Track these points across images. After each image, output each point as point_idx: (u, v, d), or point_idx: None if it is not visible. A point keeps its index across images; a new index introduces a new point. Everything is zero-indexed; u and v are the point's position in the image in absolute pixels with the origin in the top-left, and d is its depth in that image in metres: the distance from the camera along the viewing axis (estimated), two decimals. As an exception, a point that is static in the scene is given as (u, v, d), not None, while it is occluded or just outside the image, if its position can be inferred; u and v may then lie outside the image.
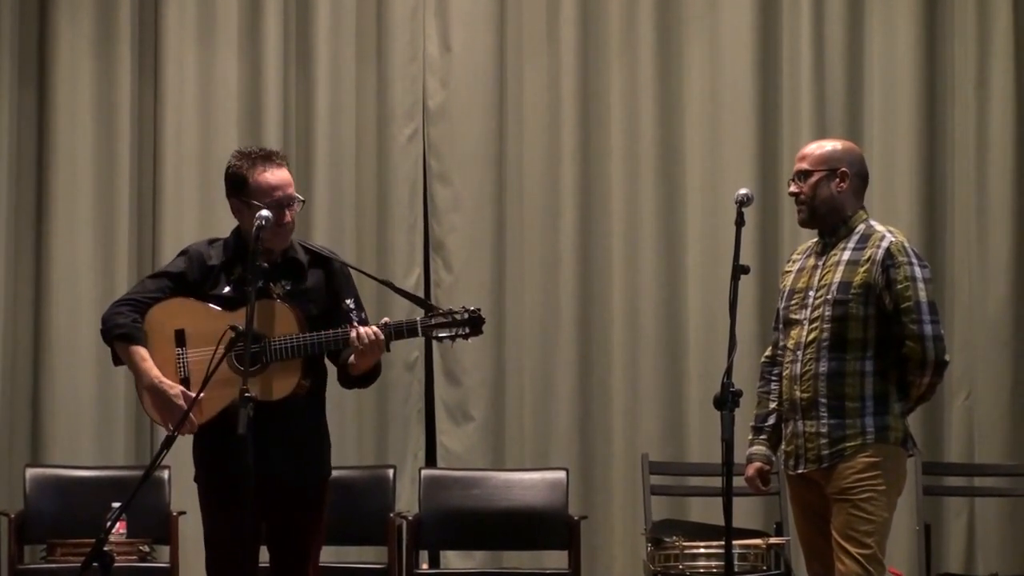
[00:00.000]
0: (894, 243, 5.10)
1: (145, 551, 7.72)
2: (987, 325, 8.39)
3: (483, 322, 5.02)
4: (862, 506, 5.03)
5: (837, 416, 5.07)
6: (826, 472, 5.09)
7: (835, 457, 5.06)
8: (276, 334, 4.95)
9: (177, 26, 8.56)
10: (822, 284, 5.14)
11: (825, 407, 5.08)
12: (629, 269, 8.52)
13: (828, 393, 5.08)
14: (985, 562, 8.33)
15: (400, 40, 8.61)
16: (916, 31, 8.49)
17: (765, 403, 5.33)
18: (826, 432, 5.07)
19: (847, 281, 5.09)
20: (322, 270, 5.15)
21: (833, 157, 5.19)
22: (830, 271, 5.14)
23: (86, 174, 8.48)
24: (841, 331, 5.07)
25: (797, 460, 5.15)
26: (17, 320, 8.45)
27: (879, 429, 5.07)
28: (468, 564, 8.17)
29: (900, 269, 5.06)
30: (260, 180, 5.08)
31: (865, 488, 5.03)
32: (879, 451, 5.06)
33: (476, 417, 8.50)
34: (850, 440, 5.05)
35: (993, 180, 8.45)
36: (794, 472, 5.17)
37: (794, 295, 5.22)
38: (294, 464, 5.04)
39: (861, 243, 5.14)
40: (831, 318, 5.08)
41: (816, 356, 5.10)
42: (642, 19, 8.55)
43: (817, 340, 5.10)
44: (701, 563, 6.76)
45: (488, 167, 8.58)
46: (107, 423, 8.39)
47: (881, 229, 5.16)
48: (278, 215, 5.01)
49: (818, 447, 5.08)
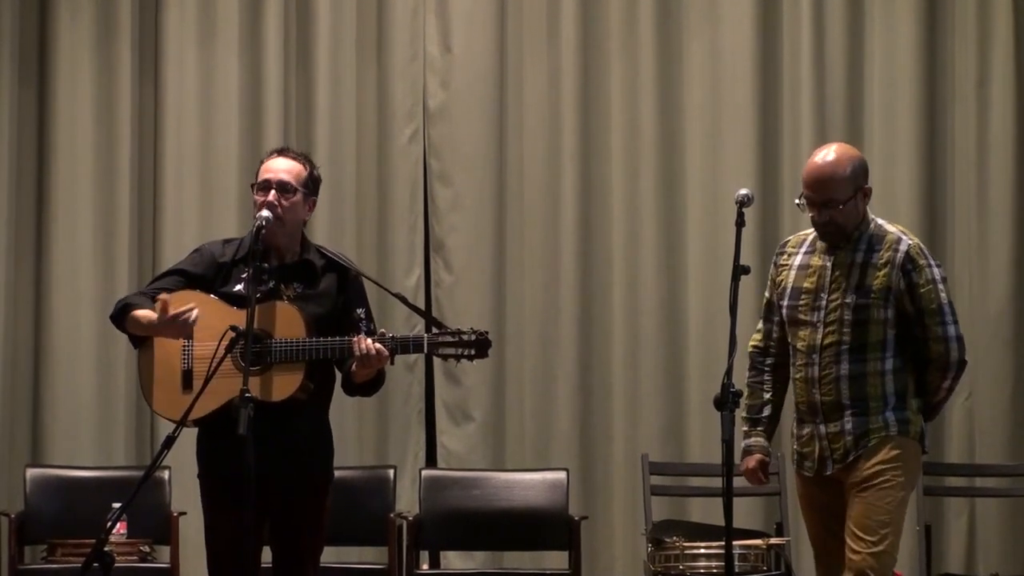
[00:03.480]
0: (912, 246, 5.13)
1: (145, 551, 7.71)
2: (988, 325, 8.39)
3: (490, 345, 5.04)
4: (882, 497, 5.05)
5: (861, 415, 5.11)
6: (850, 466, 5.11)
7: (860, 448, 5.09)
8: (282, 336, 4.96)
9: (177, 26, 8.55)
10: (836, 287, 5.14)
11: (849, 408, 5.11)
12: (629, 269, 8.51)
13: (852, 395, 5.11)
14: (985, 563, 8.32)
15: (400, 40, 8.60)
16: (916, 31, 8.48)
17: (759, 394, 5.33)
18: (851, 430, 5.10)
19: (865, 284, 5.10)
20: (336, 277, 5.16)
21: (855, 176, 5.15)
22: (843, 273, 5.14)
23: (86, 174, 8.48)
24: (862, 334, 5.10)
25: (822, 463, 5.15)
26: (17, 320, 8.45)
27: (900, 423, 5.12)
28: (468, 564, 8.17)
29: (921, 273, 5.11)
30: (261, 168, 5.15)
31: (887, 479, 5.06)
32: (901, 443, 5.11)
33: (476, 417, 8.49)
34: (874, 433, 5.09)
35: (994, 180, 8.45)
36: (814, 474, 5.17)
37: (802, 295, 5.21)
38: (296, 465, 5.04)
39: (875, 244, 5.15)
40: (852, 322, 5.10)
41: (836, 359, 5.11)
42: (642, 19, 8.55)
43: (836, 344, 5.11)
44: (701, 563, 6.76)
45: (488, 167, 8.57)
46: (107, 423, 8.39)
47: (893, 230, 5.18)
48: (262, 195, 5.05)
49: (844, 444, 5.11)
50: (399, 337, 5.01)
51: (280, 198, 5.07)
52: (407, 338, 5.04)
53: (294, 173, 5.12)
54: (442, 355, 5.05)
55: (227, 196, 8.44)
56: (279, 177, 5.10)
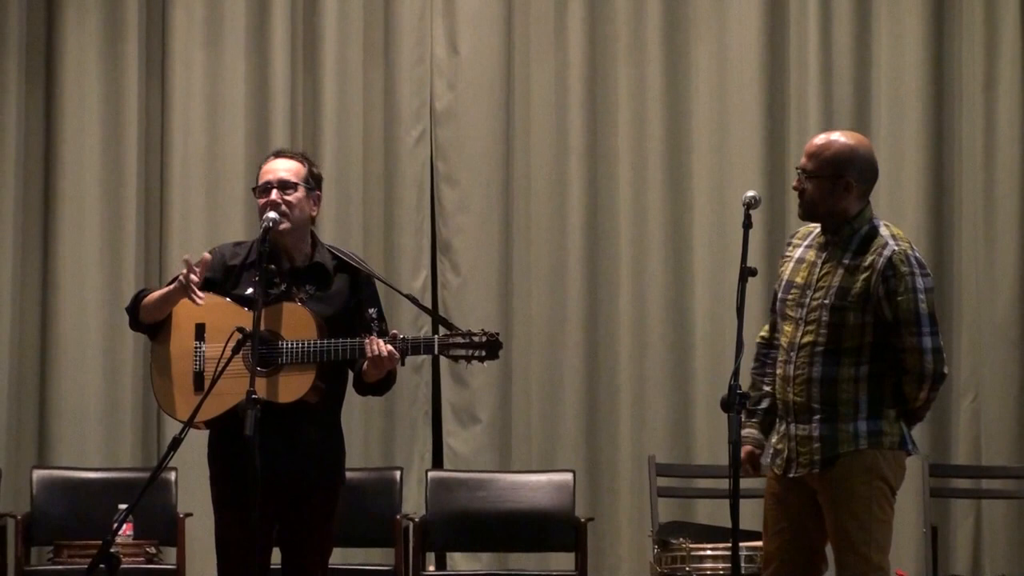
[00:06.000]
0: (896, 252, 4.99)
1: (152, 553, 7.72)
2: (994, 326, 8.38)
3: (500, 347, 5.05)
4: (857, 513, 4.97)
5: (830, 421, 5.00)
6: (819, 478, 5.03)
7: (828, 463, 5.00)
8: (294, 337, 4.96)
9: (185, 27, 8.57)
10: (820, 285, 5.05)
11: (818, 412, 5.01)
12: (636, 270, 8.51)
13: (822, 399, 5.01)
14: (992, 565, 8.31)
15: (407, 42, 8.61)
16: (924, 33, 8.48)
17: (759, 385, 5.24)
18: (818, 436, 5.01)
19: (845, 287, 5.00)
20: (348, 277, 5.16)
21: (839, 162, 5.03)
22: (829, 272, 5.05)
23: (93, 175, 8.49)
24: (837, 337, 4.99)
25: (788, 463, 5.08)
26: (24, 321, 8.45)
27: (872, 434, 5.00)
28: (475, 566, 8.17)
29: (901, 280, 4.96)
30: (260, 172, 5.16)
31: (859, 495, 4.98)
32: (873, 457, 4.99)
33: (483, 419, 8.49)
34: (843, 446, 4.99)
35: (1001, 182, 8.44)
36: (782, 474, 5.10)
37: (791, 288, 5.12)
38: (306, 468, 5.05)
39: (862, 247, 5.03)
40: (828, 323, 5.00)
41: (810, 360, 5.02)
42: (650, 21, 8.55)
43: (812, 344, 5.02)
44: (708, 565, 6.75)
45: (495, 169, 8.57)
46: (114, 425, 8.40)
47: (885, 234, 5.05)
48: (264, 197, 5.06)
49: (811, 451, 5.02)
50: (410, 338, 5.02)
51: (283, 196, 5.08)
52: (418, 339, 5.06)
53: (293, 171, 5.13)
54: (452, 356, 5.06)
55: (234, 196, 8.44)
56: (278, 176, 5.11)
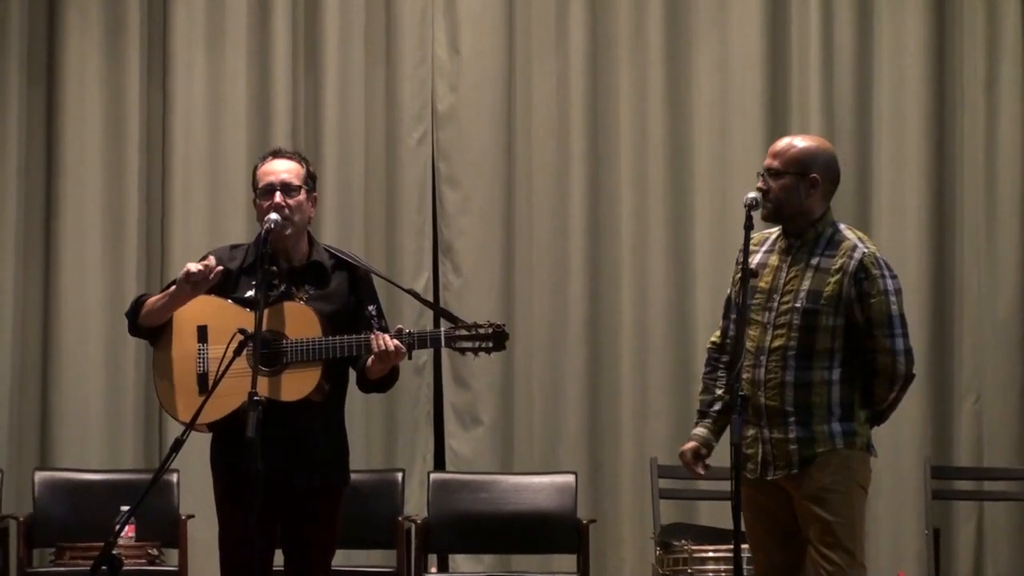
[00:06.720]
0: (867, 255, 5.02)
1: (154, 554, 7.72)
2: (996, 327, 8.38)
3: (507, 337, 5.07)
4: (837, 510, 4.99)
5: (805, 424, 5.02)
6: (796, 478, 5.04)
7: (806, 463, 5.01)
8: (298, 336, 4.96)
9: (186, 27, 8.57)
10: (788, 289, 5.05)
11: (793, 415, 5.02)
12: (638, 272, 8.51)
13: (795, 403, 5.02)
14: (994, 567, 8.31)
15: (409, 43, 8.61)
16: (925, 34, 8.48)
17: (711, 389, 5.25)
18: (795, 439, 5.02)
19: (816, 290, 5.01)
20: (347, 275, 5.17)
21: (804, 160, 5.06)
22: (797, 276, 5.05)
23: (94, 176, 8.50)
24: (809, 340, 5.00)
25: (764, 467, 5.08)
26: (26, 323, 8.46)
27: (846, 435, 5.03)
28: (477, 568, 8.17)
29: (873, 282, 4.99)
30: (258, 173, 5.16)
31: (838, 492, 5.00)
32: (848, 456, 5.03)
33: (485, 421, 8.49)
34: (820, 446, 5.01)
35: (1002, 182, 8.44)
36: (759, 477, 5.10)
37: (756, 294, 5.11)
38: (309, 469, 5.05)
39: (831, 250, 5.04)
40: (799, 327, 5.00)
41: (782, 364, 5.02)
42: (651, 22, 8.55)
43: (783, 348, 5.02)
44: (710, 567, 6.76)
45: (497, 170, 8.58)
46: (116, 426, 8.40)
47: (852, 237, 5.07)
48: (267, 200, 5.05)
49: (787, 453, 5.03)
50: (416, 332, 5.03)
51: (286, 199, 5.08)
52: (424, 333, 5.08)
53: (295, 172, 5.14)
54: (459, 348, 5.06)
55: (235, 198, 8.44)
56: (281, 178, 5.11)
